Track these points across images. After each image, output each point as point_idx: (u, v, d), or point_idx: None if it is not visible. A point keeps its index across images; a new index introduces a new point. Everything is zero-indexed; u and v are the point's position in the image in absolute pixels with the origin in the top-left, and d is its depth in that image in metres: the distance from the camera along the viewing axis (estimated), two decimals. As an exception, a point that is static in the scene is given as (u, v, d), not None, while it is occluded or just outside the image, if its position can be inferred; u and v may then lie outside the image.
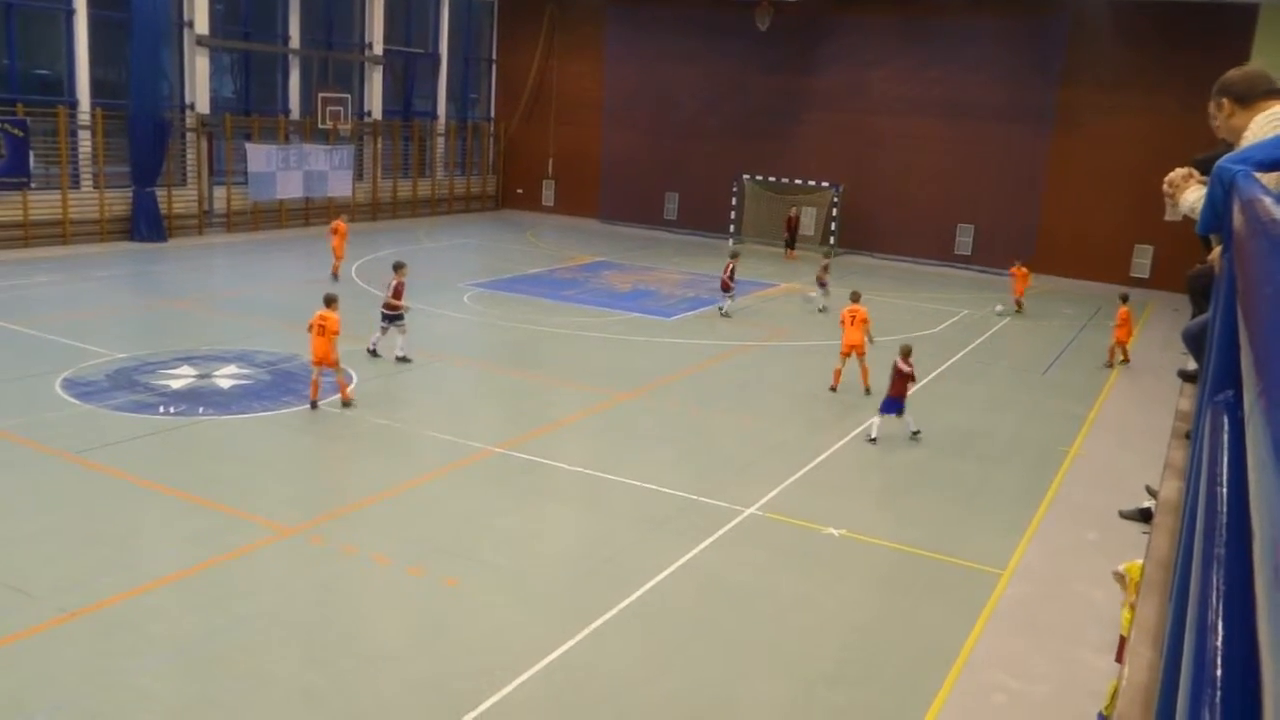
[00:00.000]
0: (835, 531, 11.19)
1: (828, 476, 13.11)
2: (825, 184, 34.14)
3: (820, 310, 23.17)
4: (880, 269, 32.06)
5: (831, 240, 34.06)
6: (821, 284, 23.52)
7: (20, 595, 8.71)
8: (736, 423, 15.15)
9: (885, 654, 8.85)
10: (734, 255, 23.47)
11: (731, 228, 35.59)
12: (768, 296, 25.70)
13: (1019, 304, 25.01)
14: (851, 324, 16.51)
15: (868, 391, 16.24)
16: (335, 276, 23.51)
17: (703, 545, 10.61)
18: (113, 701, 7.41)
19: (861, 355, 16.52)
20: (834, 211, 34.06)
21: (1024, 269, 25.46)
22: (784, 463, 13.34)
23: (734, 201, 35.57)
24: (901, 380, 14.16)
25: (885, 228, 33.74)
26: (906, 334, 22.18)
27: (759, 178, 35.21)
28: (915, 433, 14.57)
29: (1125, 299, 20.51)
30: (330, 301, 14.37)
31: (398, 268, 17.20)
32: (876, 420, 14.48)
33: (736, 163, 35.40)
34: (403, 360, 16.83)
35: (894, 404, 14.30)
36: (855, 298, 17.28)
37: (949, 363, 19.42)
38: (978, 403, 17.03)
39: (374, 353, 16.99)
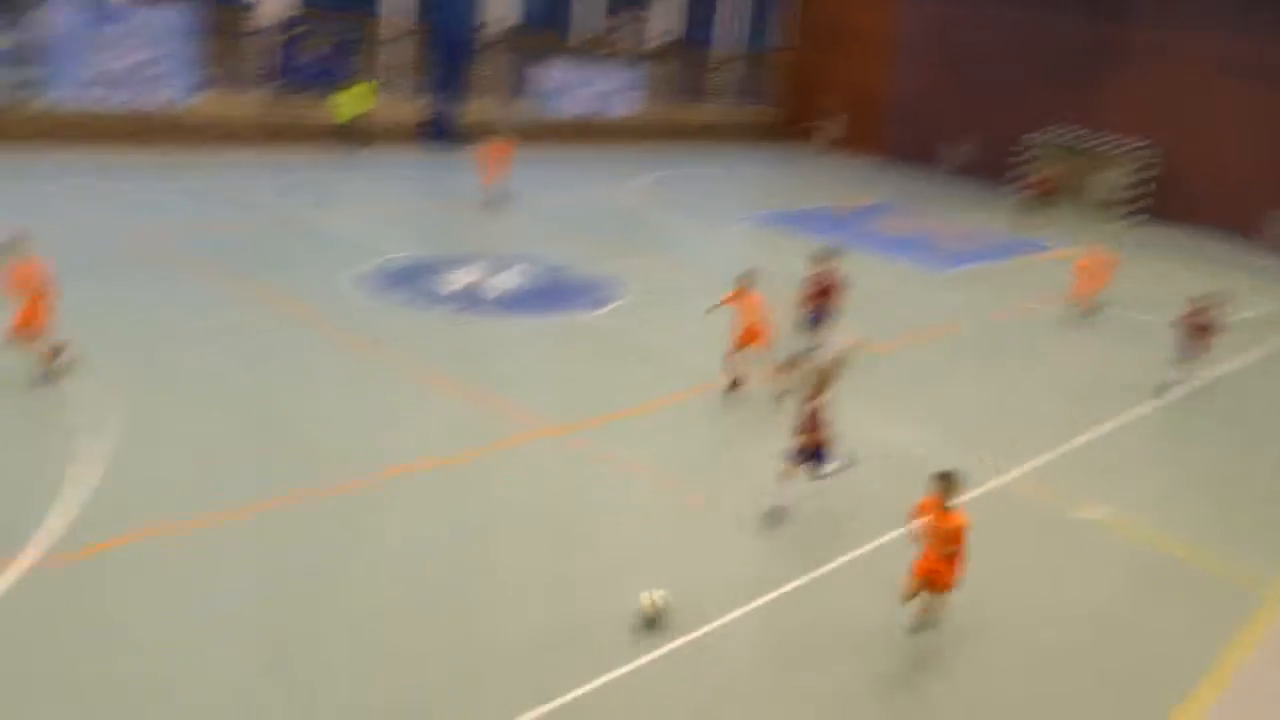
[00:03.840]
0: (1090, 516, 10.56)
1: (1102, 454, 12.37)
2: (1137, 144, 31.35)
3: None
4: (1176, 244, 29.23)
5: (1134, 207, 31.44)
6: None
7: (312, 464, 9.71)
8: (1014, 380, 14.44)
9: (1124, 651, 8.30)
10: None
11: (1020, 182, 33.55)
12: (1058, 259, 24.12)
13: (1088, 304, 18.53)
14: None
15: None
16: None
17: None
18: (370, 570, 8.16)
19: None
20: (1140, 176, 31.32)
21: (1086, 261, 18.65)
22: (1054, 433, 12.66)
23: (1028, 155, 33.47)
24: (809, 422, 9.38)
25: (1200, 199, 30.64)
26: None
27: (1057, 131, 32.85)
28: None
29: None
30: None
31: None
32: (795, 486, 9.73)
33: (1034, 113, 33.17)
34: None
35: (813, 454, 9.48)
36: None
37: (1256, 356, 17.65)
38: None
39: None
